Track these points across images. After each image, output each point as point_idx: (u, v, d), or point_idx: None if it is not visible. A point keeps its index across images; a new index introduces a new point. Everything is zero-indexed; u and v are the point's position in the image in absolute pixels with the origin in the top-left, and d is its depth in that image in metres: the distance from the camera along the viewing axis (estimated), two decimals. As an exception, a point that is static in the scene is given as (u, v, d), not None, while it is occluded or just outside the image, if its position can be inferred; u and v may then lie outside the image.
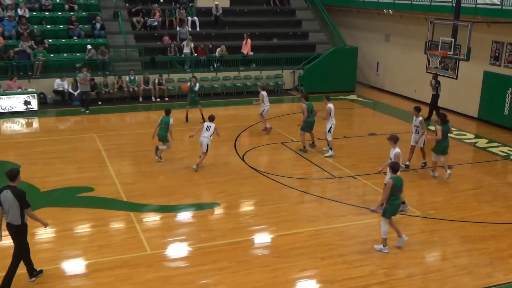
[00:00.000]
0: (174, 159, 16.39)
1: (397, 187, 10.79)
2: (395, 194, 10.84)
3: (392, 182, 10.74)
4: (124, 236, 11.51)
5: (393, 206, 10.93)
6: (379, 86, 28.11)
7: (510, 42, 20.13)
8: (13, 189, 9.16)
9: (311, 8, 30.76)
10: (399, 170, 11.02)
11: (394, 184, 10.72)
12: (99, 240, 11.26)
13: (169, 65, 25.35)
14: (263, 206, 13.21)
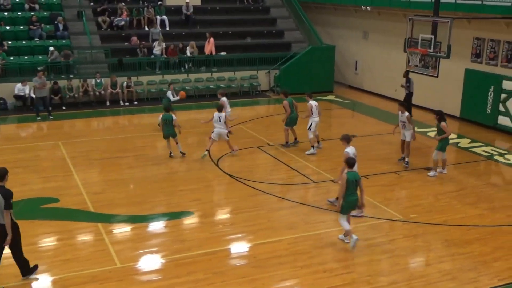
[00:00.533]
0: (144, 166, 15.83)
1: (352, 182, 10.78)
2: (350, 189, 10.83)
3: (346, 176, 10.76)
4: (91, 249, 11.02)
5: (348, 203, 10.92)
6: (358, 86, 27.75)
7: (491, 38, 19.84)
8: (1, 188, 9.23)
9: (286, 6, 30.30)
10: (355, 165, 11.07)
11: (348, 179, 10.73)
12: (65, 254, 10.78)
13: (137, 67, 24.59)
14: (239, 213, 12.79)
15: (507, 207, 13.29)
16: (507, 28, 19.12)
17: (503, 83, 19.28)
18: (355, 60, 27.79)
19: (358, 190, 10.98)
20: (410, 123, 15.57)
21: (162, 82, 24.56)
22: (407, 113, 15.62)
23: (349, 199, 10.88)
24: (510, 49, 19.20)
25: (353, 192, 10.93)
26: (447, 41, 16.62)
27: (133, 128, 20.43)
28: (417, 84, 22.44)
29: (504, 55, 19.45)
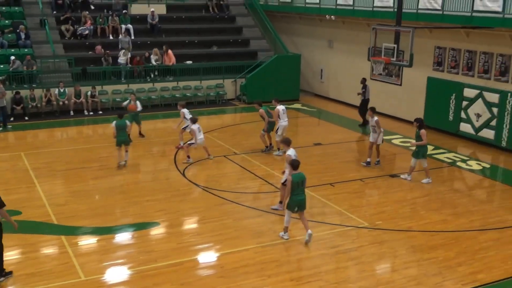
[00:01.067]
0: (109, 177, 15.60)
1: (297, 183, 11.22)
2: (296, 190, 11.27)
3: (291, 178, 11.16)
4: (55, 263, 10.77)
5: (294, 201, 11.36)
6: (323, 94, 27.93)
7: (452, 47, 20.22)
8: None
9: (252, 15, 30.39)
10: (298, 167, 11.41)
11: (293, 180, 11.15)
12: (28, 268, 10.50)
13: (102, 76, 24.27)
14: (206, 223, 12.68)
15: (470, 213, 13.50)
16: (467, 37, 19.52)
17: (464, 91, 19.65)
18: (320, 68, 28.00)
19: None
20: (379, 127, 16.25)
21: (127, 92, 24.28)
22: (376, 118, 16.31)
23: (296, 198, 11.34)
24: (471, 57, 19.60)
25: (299, 193, 11.38)
26: (410, 50, 16.91)
27: (97, 138, 20.14)
28: (381, 92, 22.76)
29: (465, 64, 19.84)
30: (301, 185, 11.35)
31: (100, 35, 26.19)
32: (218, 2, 30.01)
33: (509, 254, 11.38)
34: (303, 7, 26.82)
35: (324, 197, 14.15)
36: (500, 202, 14.51)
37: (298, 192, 11.33)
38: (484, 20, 17.79)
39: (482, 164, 17.44)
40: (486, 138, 19.07)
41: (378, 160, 16.82)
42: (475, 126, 19.40)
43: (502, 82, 18.56)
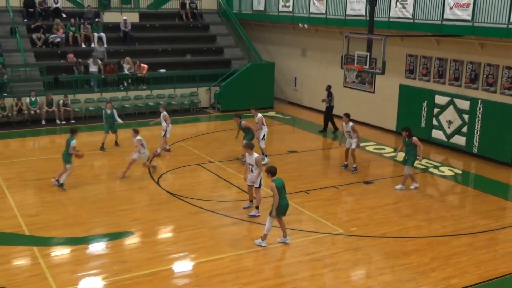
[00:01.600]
0: (82, 186, 15.38)
1: (280, 188, 11.42)
2: (281, 195, 11.45)
3: (274, 184, 11.40)
4: (27, 274, 10.57)
5: (281, 206, 11.52)
6: (297, 102, 28.05)
7: (423, 55, 20.50)
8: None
9: (226, 23, 30.42)
10: (276, 172, 11.65)
11: (277, 185, 11.39)
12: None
13: (74, 84, 24.00)
14: (181, 232, 12.60)
15: (442, 218, 13.67)
16: (438, 45, 19.83)
17: (435, 98, 19.93)
18: (294, 76, 28.13)
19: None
20: (355, 132, 16.59)
21: (100, 100, 24.09)
22: (351, 123, 16.62)
23: (281, 203, 11.49)
24: (441, 65, 19.90)
25: (284, 197, 11.63)
26: (382, 57, 17.09)
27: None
28: (354, 99, 22.95)
29: (436, 71, 20.14)
30: (283, 189, 11.56)
31: (72, 44, 25.91)
32: (191, 10, 29.98)
33: (482, 258, 11.53)
34: (276, 15, 26.95)
35: (299, 205, 14.16)
36: (472, 208, 14.73)
37: (282, 196, 11.54)
38: (454, 29, 18.11)
39: (454, 170, 17.69)
40: (458, 145, 19.36)
41: (355, 166, 16.94)
42: (447, 133, 19.68)
43: (472, 89, 18.88)
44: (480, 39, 18.13)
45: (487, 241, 12.39)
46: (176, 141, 20.21)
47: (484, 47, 18.29)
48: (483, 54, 18.37)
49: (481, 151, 18.63)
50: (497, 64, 17.96)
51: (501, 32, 16.66)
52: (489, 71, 18.24)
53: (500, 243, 12.36)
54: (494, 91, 18.16)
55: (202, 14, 30.40)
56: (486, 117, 18.33)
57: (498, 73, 17.99)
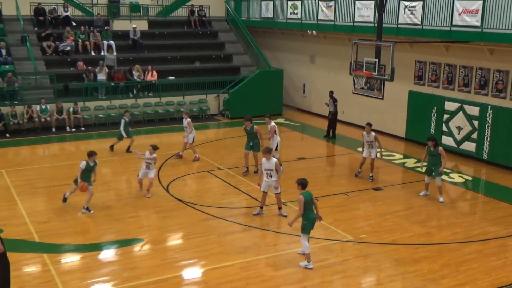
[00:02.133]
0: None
1: (308, 202, 11.06)
2: (309, 208, 11.10)
3: (303, 198, 11.00)
4: (37, 281, 10.60)
5: (309, 221, 11.16)
6: (306, 109, 28.05)
7: (432, 61, 20.46)
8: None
9: (234, 30, 30.51)
10: (306, 185, 11.26)
11: (305, 199, 11.00)
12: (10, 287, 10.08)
13: (84, 92, 24.14)
14: (190, 239, 12.60)
15: (453, 225, 13.61)
16: (447, 52, 19.78)
17: (445, 104, 19.88)
18: (303, 83, 28.14)
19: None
20: (377, 141, 16.51)
21: (109, 108, 24.22)
22: (373, 133, 16.49)
23: (310, 217, 11.13)
24: (451, 71, 19.85)
25: (312, 210, 11.23)
26: (391, 64, 17.06)
27: (80, 155, 19.85)
28: (363, 106, 22.92)
29: (445, 77, 20.08)
30: (310, 203, 11.19)
31: (82, 51, 26.08)
32: (200, 17, 30.11)
33: (493, 265, 11.45)
34: (285, 22, 27.00)
35: (308, 211, 14.13)
36: (483, 214, 14.65)
37: (311, 210, 11.19)
38: (463, 35, 18.06)
39: (464, 177, 17.61)
40: (468, 151, 19.27)
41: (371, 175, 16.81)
42: (457, 139, 19.60)
43: (482, 95, 18.80)
44: (489, 45, 18.07)
45: (497, 248, 12.31)
46: (185, 148, 20.24)
47: (494, 53, 18.23)
48: (493, 60, 18.31)
49: (491, 158, 18.54)
50: (507, 70, 17.89)
51: (510, 37, 16.59)
52: (499, 77, 18.17)
53: (510, 250, 12.27)
54: (504, 97, 18.08)
55: (211, 22, 30.53)
56: (496, 123, 18.24)
57: (508, 79, 17.91)
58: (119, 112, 24.08)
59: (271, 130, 17.28)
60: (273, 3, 27.78)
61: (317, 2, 24.41)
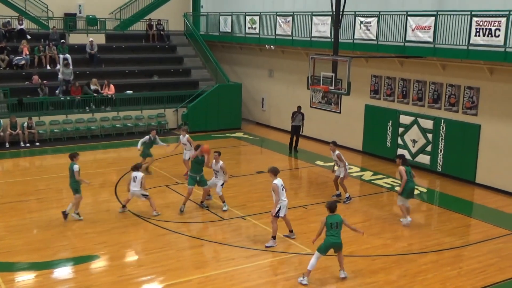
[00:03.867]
0: (47, 210, 15.10)
1: (329, 225, 11.10)
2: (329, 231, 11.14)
3: (325, 220, 11.13)
4: (-11, 301, 10.28)
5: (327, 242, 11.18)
6: (265, 122, 28.18)
7: (387, 76, 20.88)
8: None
9: (193, 44, 30.50)
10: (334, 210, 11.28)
11: (326, 222, 11.10)
12: None
13: (39, 106, 23.65)
14: (148, 254, 12.44)
15: (408, 236, 13.83)
16: (401, 66, 20.22)
17: (400, 118, 20.30)
18: (261, 97, 28.29)
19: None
20: (341, 160, 16.06)
21: (65, 122, 23.79)
22: (337, 152, 16.16)
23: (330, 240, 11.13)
24: (405, 85, 20.29)
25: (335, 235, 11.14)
26: (347, 78, 17.32)
27: (34, 170, 19.55)
28: (321, 120, 23.17)
29: (400, 91, 20.51)
30: (335, 227, 11.12)
31: (37, 65, 25.60)
32: (158, 31, 30.00)
33: (448, 275, 11.68)
34: (243, 37, 27.15)
35: (267, 225, 14.08)
36: (438, 225, 14.95)
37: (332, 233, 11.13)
38: (416, 50, 18.52)
39: (419, 189, 17.89)
40: (423, 163, 19.67)
41: (348, 196, 16.30)
42: (412, 152, 20.00)
43: (435, 109, 19.26)
44: (442, 60, 18.57)
45: (452, 258, 12.57)
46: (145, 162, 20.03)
47: (446, 68, 18.74)
48: (445, 75, 18.81)
49: (445, 170, 18.98)
50: (459, 84, 18.40)
51: (461, 53, 17.10)
52: (451, 91, 18.67)
53: (464, 260, 12.55)
54: (456, 111, 18.57)
55: (169, 36, 30.46)
56: (449, 136, 18.72)
57: (460, 93, 18.42)
58: (75, 127, 23.72)
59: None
60: (231, 17, 27.93)
61: (275, 17, 24.66)
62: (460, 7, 17.55)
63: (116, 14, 30.59)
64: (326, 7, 19.97)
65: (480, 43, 16.42)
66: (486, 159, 17.86)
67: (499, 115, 17.37)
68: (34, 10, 28.53)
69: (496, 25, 15.92)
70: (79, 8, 29.94)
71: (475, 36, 16.50)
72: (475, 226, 14.86)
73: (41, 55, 25.71)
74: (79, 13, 29.85)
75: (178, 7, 31.83)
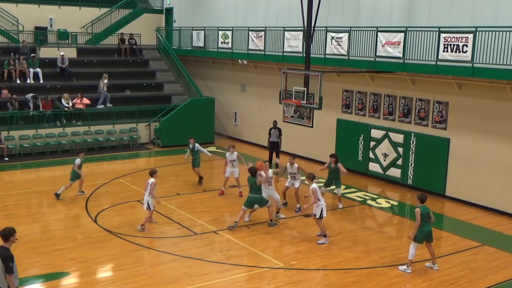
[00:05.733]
0: (16, 226, 14.55)
1: (424, 215, 12.33)
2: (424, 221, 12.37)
3: (420, 210, 12.30)
4: (-46, 321, 9.90)
5: (423, 233, 12.40)
6: (238, 137, 28.20)
7: (358, 90, 21.11)
8: (2, 249, 8.59)
9: (165, 59, 30.46)
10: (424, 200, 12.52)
11: (422, 212, 12.30)
12: None
13: (9, 121, 23.30)
14: (120, 271, 12.31)
15: (380, 249, 13.93)
16: (372, 81, 20.48)
17: (371, 132, 20.52)
18: (234, 111, 28.34)
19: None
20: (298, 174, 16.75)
21: (35, 137, 23.45)
22: (297, 165, 16.69)
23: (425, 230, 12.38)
24: (376, 100, 20.54)
25: (426, 224, 12.40)
26: (319, 93, 17.49)
27: (3, 186, 19.15)
28: (293, 134, 23.28)
29: (371, 106, 20.74)
30: (427, 217, 12.33)
31: (6, 79, 25.25)
32: (130, 46, 29.91)
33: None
34: (216, 52, 27.22)
35: (239, 239, 14.14)
36: (408, 238, 15.03)
37: (425, 222, 12.31)
38: (386, 65, 18.78)
39: (390, 202, 18.13)
40: (394, 177, 19.89)
41: (299, 206, 16.66)
42: (383, 166, 20.21)
43: (405, 123, 19.53)
44: (411, 75, 18.87)
45: (423, 271, 12.67)
46: (114, 177, 19.88)
47: (416, 82, 19.04)
48: (415, 90, 19.11)
49: (416, 183, 19.20)
50: (428, 99, 18.71)
51: (430, 68, 17.40)
52: (421, 105, 18.97)
53: (435, 272, 12.65)
54: (426, 125, 18.85)
55: (142, 50, 30.39)
56: (419, 149, 18.97)
57: (429, 108, 18.72)
58: (45, 141, 23.41)
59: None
60: (204, 32, 27.99)
61: (248, 32, 24.80)
62: (428, 23, 17.90)
63: (88, 28, 30.41)
64: (298, 23, 20.20)
65: (448, 59, 16.73)
66: (456, 172, 18.14)
67: (467, 129, 17.69)
68: (4, 23, 28.16)
69: (464, 41, 16.26)
70: (50, 22, 29.64)
71: (443, 51, 16.82)
72: (445, 239, 15.04)
73: (11, 69, 25.39)
74: (50, 26, 29.53)
75: (151, 21, 31.80)
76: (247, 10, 26.29)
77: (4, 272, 8.46)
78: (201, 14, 29.50)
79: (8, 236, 8.64)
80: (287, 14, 23.57)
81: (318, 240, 14.14)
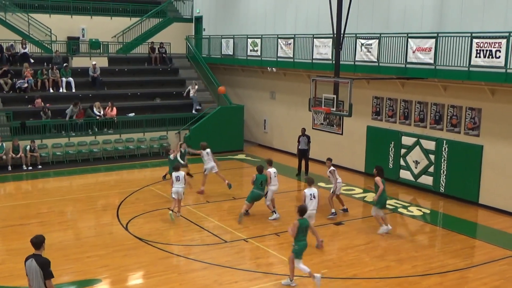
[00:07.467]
0: (49, 233, 14.94)
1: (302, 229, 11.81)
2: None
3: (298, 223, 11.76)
4: (-11, 326, 10.14)
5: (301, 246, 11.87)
6: (267, 144, 28.19)
7: (389, 97, 20.93)
8: (37, 257, 8.69)
9: (195, 67, 30.67)
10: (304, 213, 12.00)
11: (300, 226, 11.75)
12: None
13: (42, 129, 23.72)
14: (150, 278, 12.36)
15: (412, 258, 13.72)
16: (402, 88, 20.28)
17: (402, 139, 20.30)
18: (263, 119, 28.36)
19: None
20: (334, 176, 16.82)
21: (67, 145, 23.82)
22: (332, 168, 16.92)
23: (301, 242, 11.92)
24: (407, 107, 20.33)
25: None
26: (349, 100, 17.39)
27: (37, 194, 19.51)
28: (323, 141, 23.17)
29: (402, 113, 20.54)
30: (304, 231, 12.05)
31: (40, 88, 25.74)
32: (160, 54, 30.22)
33: (452, 298, 11.60)
34: (245, 59, 27.31)
35: (269, 247, 14.12)
36: (441, 247, 14.84)
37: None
38: (417, 72, 18.59)
39: (422, 210, 17.88)
40: (425, 184, 19.63)
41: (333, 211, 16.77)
42: (414, 173, 19.96)
43: (437, 130, 19.28)
44: (443, 82, 18.63)
45: (456, 280, 12.46)
46: (145, 184, 20.06)
47: (447, 89, 18.79)
48: (447, 96, 18.85)
49: (448, 191, 18.91)
50: (460, 105, 18.43)
51: (462, 74, 17.15)
52: (453, 112, 18.70)
53: (469, 282, 12.44)
54: (459, 132, 18.57)
55: (172, 59, 30.67)
56: (451, 157, 18.69)
57: (462, 114, 18.44)
58: (77, 150, 23.76)
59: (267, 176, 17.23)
60: (233, 40, 28.12)
61: (277, 40, 24.82)
62: (460, 28, 17.66)
63: (119, 38, 30.85)
64: (327, 30, 20.12)
65: (481, 64, 16.47)
66: (489, 180, 17.81)
67: (501, 135, 17.37)
68: (37, 34, 28.77)
69: (497, 46, 16.00)
70: (82, 32, 30.18)
71: (475, 57, 16.57)
72: (479, 248, 14.76)
73: (44, 78, 25.90)
74: (82, 36, 30.08)
75: (180, 30, 32.11)
76: (276, 18, 26.33)
77: (43, 279, 8.55)
78: (230, 22, 29.66)
79: (40, 244, 8.75)
80: (316, 21, 23.53)
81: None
